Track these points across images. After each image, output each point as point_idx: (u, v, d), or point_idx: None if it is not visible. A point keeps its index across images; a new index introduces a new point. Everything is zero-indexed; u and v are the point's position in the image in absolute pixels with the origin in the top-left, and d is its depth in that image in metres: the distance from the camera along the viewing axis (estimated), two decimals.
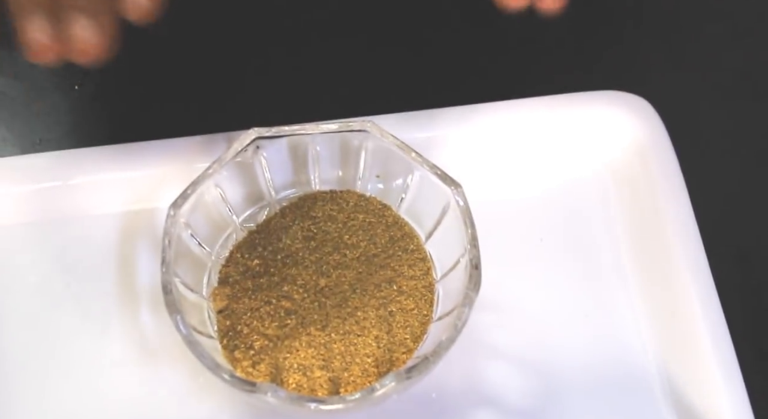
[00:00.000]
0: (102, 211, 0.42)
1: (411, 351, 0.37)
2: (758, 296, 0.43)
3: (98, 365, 0.39)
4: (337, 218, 0.40)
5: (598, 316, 0.41)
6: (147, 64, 0.48)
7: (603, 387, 0.39)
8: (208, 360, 0.34)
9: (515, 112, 0.43)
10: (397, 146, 0.39)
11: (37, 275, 0.41)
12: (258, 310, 0.37)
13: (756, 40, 0.51)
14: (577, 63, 0.49)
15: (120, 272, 0.41)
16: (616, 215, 0.43)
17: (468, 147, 0.43)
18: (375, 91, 0.47)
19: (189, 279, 0.38)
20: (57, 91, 0.47)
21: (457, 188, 0.38)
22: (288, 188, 0.42)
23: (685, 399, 0.39)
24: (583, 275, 0.42)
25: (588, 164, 0.44)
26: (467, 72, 0.48)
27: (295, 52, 0.49)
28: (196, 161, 0.41)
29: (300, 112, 0.42)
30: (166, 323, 0.35)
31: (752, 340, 0.41)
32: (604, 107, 0.44)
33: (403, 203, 0.41)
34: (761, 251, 0.45)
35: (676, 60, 0.50)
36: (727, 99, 0.49)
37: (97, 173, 0.42)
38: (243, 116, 0.45)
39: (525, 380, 0.39)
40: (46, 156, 0.42)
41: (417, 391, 0.39)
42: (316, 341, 0.36)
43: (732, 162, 0.47)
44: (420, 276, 0.39)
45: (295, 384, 0.36)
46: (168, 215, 0.37)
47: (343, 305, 0.37)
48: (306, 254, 0.39)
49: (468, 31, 0.50)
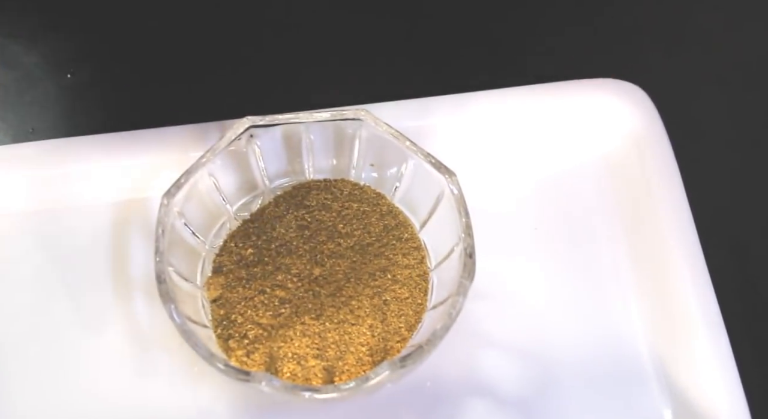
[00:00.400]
0: (95, 200, 0.42)
1: (405, 339, 0.37)
2: (753, 286, 0.44)
3: (92, 355, 0.39)
4: (332, 207, 0.40)
5: (593, 305, 0.41)
6: (139, 53, 0.48)
7: (597, 377, 0.39)
8: (202, 350, 0.34)
9: (510, 100, 0.43)
10: (391, 134, 0.39)
11: (29, 264, 0.41)
12: (252, 299, 0.37)
13: (752, 29, 0.51)
14: (572, 51, 0.49)
15: (113, 261, 0.41)
16: (610, 204, 0.43)
17: (462, 136, 0.43)
18: (369, 80, 0.47)
19: (183, 269, 0.38)
20: (49, 80, 0.47)
21: (452, 176, 0.38)
22: (282, 176, 0.42)
23: (680, 390, 0.39)
24: (577, 264, 0.42)
25: (583, 152, 0.44)
26: (461, 60, 0.48)
27: (288, 41, 0.48)
28: (190, 149, 0.41)
29: (294, 100, 0.42)
30: (160, 312, 0.35)
31: (747, 330, 0.41)
32: (599, 95, 0.44)
33: (398, 192, 0.41)
34: (756, 241, 0.45)
35: (672, 48, 0.50)
36: (722, 88, 0.48)
37: (89, 162, 0.42)
38: (236, 104, 0.45)
39: (519, 369, 0.39)
40: (38, 145, 0.42)
41: (411, 380, 0.39)
42: (311, 330, 0.36)
43: (727, 151, 0.47)
44: (414, 265, 0.39)
45: (290, 373, 0.36)
46: (161, 204, 0.37)
47: (337, 295, 0.37)
48: (300, 243, 0.39)
49: (462, 19, 0.50)
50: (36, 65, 0.47)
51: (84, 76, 0.47)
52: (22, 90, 0.47)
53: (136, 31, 0.49)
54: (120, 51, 0.48)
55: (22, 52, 0.48)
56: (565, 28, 0.50)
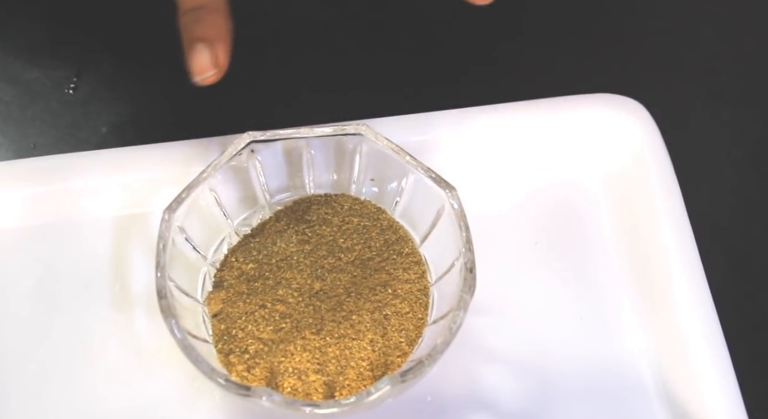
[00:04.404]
0: (96, 215, 0.42)
1: (406, 354, 0.37)
2: (752, 298, 0.44)
3: (93, 370, 0.39)
4: (332, 222, 0.40)
5: (593, 319, 0.41)
6: (141, 68, 0.48)
7: (598, 390, 0.39)
8: (203, 365, 0.34)
9: (509, 115, 0.44)
10: (391, 149, 0.39)
11: (31, 279, 0.41)
12: (253, 314, 0.37)
13: (750, 44, 0.51)
14: (571, 66, 0.49)
15: (114, 276, 0.41)
16: (610, 218, 0.43)
17: (462, 150, 0.43)
18: (370, 95, 0.47)
19: (183, 283, 0.38)
20: (51, 96, 0.47)
21: (452, 191, 0.38)
22: (282, 191, 0.42)
23: (680, 402, 0.39)
24: (578, 278, 0.42)
25: (582, 167, 0.44)
26: (461, 75, 0.48)
27: (289, 56, 0.49)
28: (191, 164, 0.41)
29: (294, 115, 0.42)
30: (161, 327, 0.35)
31: (746, 341, 0.41)
32: (599, 110, 0.44)
33: (398, 207, 0.41)
34: (755, 254, 0.45)
35: (671, 63, 0.50)
36: (721, 103, 0.49)
37: (91, 177, 0.42)
38: (237, 119, 0.45)
39: (520, 382, 0.39)
40: (40, 160, 0.42)
41: (412, 395, 0.39)
42: (311, 345, 0.36)
43: (726, 165, 0.47)
44: (415, 280, 0.39)
45: (290, 388, 0.36)
46: (162, 219, 0.37)
47: (337, 309, 0.37)
48: (301, 258, 0.39)
49: (462, 35, 0.50)
50: (37, 81, 0.48)
51: (85, 91, 0.48)
52: (24, 106, 0.47)
53: (137, 47, 0.49)
54: (121, 66, 0.48)
55: (23, 68, 0.48)
56: (565, 44, 0.50)
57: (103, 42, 0.49)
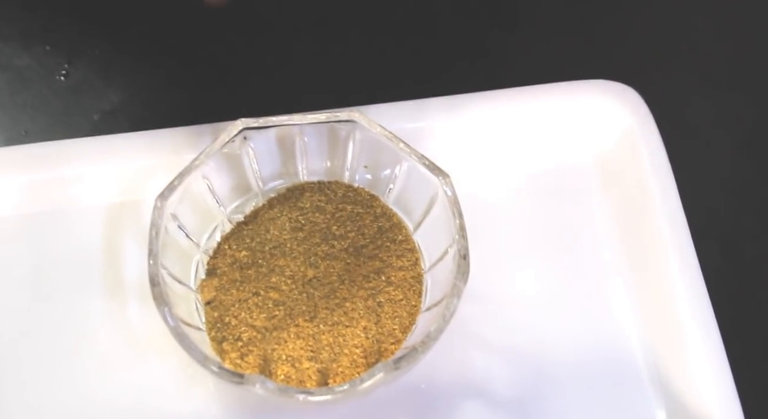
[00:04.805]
0: (88, 203, 0.42)
1: (399, 341, 0.37)
2: (746, 287, 0.44)
3: (86, 357, 0.39)
4: (325, 209, 0.40)
5: (586, 306, 0.41)
6: (132, 55, 0.48)
7: (592, 379, 0.39)
8: (196, 352, 0.34)
9: (503, 102, 0.43)
10: (385, 136, 0.39)
11: (22, 267, 0.41)
12: (246, 301, 0.37)
13: (744, 31, 0.51)
14: (565, 52, 0.49)
15: (107, 264, 0.41)
16: (603, 205, 0.43)
17: (456, 137, 0.43)
18: (363, 82, 0.47)
19: (176, 271, 0.38)
20: (42, 83, 0.47)
21: (446, 178, 0.38)
22: (276, 178, 0.42)
23: (674, 391, 0.39)
24: (571, 265, 0.42)
25: (576, 153, 0.44)
26: (455, 62, 0.48)
27: (282, 43, 0.48)
28: (183, 152, 0.41)
29: (287, 102, 0.42)
30: (154, 315, 0.35)
31: (741, 332, 0.41)
32: (593, 96, 0.44)
33: (392, 194, 0.41)
34: (748, 241, 0.45)
35: (665, 50, 0.50)
36: (715, 89, 0.49)
37: (82, 164, 0.42)
38: (230, 106, 0.45)
39: (514, 370, 0.39)
40: (31, 148, 0.42)
41: (406, 382, 0.39)
42: (305, 332, 0.36)
43: (720, 152, 0.47)
44: (408, 267, 0.39)
45: (284, 375, 0.36)
46: (155, 207, 0.37)
47: (331, 296, 0.37)
48: (294, 245, 0.39)
49: (455, 21, 0.50)
50: (29, 67, 0.47)
51: (77, 78, 0.47)
52: (15, 92, 0.47)
53: (128, 34, 0.49)
54: (112, 53, 0.48)
55: (14, 54, 0.48)
56: (559, 31, 0.50)
57: (95, 29, 0.49)
